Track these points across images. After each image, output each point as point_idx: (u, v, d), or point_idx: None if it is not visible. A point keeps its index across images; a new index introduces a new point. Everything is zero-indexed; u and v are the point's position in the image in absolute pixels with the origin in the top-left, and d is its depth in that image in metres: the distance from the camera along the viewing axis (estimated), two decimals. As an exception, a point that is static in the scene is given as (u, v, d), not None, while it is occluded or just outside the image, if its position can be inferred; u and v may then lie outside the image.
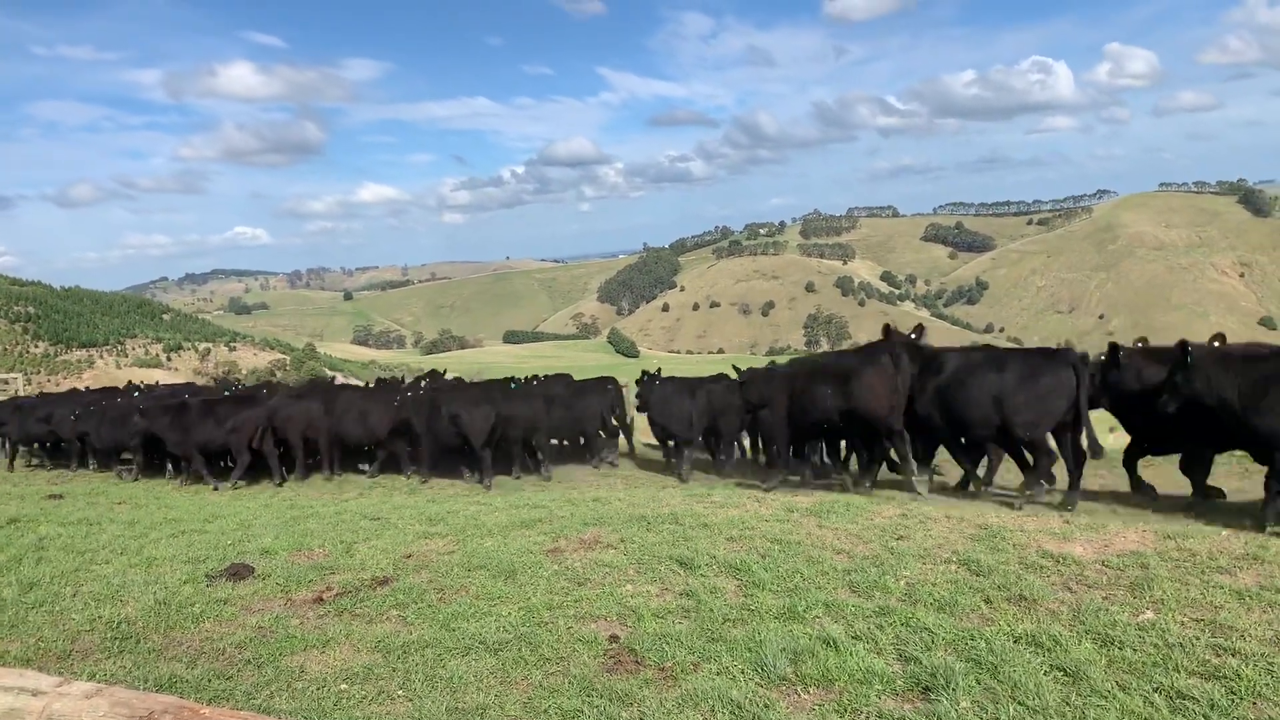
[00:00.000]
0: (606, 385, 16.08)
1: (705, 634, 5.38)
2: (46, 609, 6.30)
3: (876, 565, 6.37)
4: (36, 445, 18.41)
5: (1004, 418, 9.50)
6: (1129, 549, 6.46)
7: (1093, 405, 9.80)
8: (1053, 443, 9.72)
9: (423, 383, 17.19)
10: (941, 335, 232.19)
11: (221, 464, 15.27)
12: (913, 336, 10.86)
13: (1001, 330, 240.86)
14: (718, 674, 4.89)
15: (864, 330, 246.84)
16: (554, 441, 15.52)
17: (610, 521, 8.00)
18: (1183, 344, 8.79)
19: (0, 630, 5.92)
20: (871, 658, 4.93)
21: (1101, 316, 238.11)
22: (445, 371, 19.13)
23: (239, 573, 7.00)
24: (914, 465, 10.34)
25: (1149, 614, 5.28)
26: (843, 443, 12.18)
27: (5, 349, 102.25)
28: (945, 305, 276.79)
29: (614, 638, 5.45)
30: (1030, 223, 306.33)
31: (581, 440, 16.11)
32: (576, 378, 17.31)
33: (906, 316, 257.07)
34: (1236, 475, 10.42)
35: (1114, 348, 9.97)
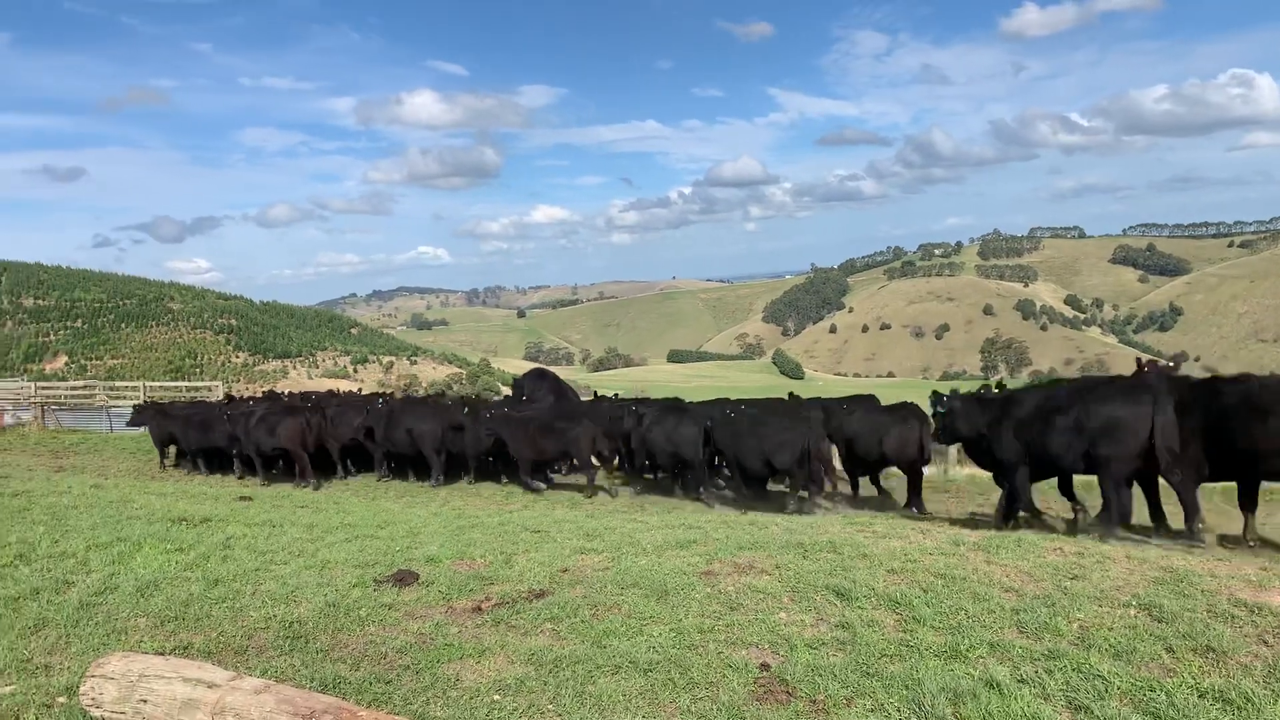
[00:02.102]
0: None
1: (860, 668, 5.20)
2: (228, 605, 6.67)
3: (1048, 605, 6.01)
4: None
5: None
6: (1338, 603, 5.87)
7: None
8: None
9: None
10: (1132, 364, 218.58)
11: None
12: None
13: (1197, 359, 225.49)
14: (871, 710, 4.71)
15: (1045, 356, 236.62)
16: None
17: (766, 546, 7.86)
18: None
19: (186, 623, 6.32)
20: (1038, 703, 4.64)
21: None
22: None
23: (404, 579, 7.24)
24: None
25: (1360, 677, 4.77)
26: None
27: (210, 358, 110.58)
28: (1135, 331, 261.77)
29: (765, 666, 5.34)
30: (1231, 245, 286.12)
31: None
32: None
33: (1092, 342, 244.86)
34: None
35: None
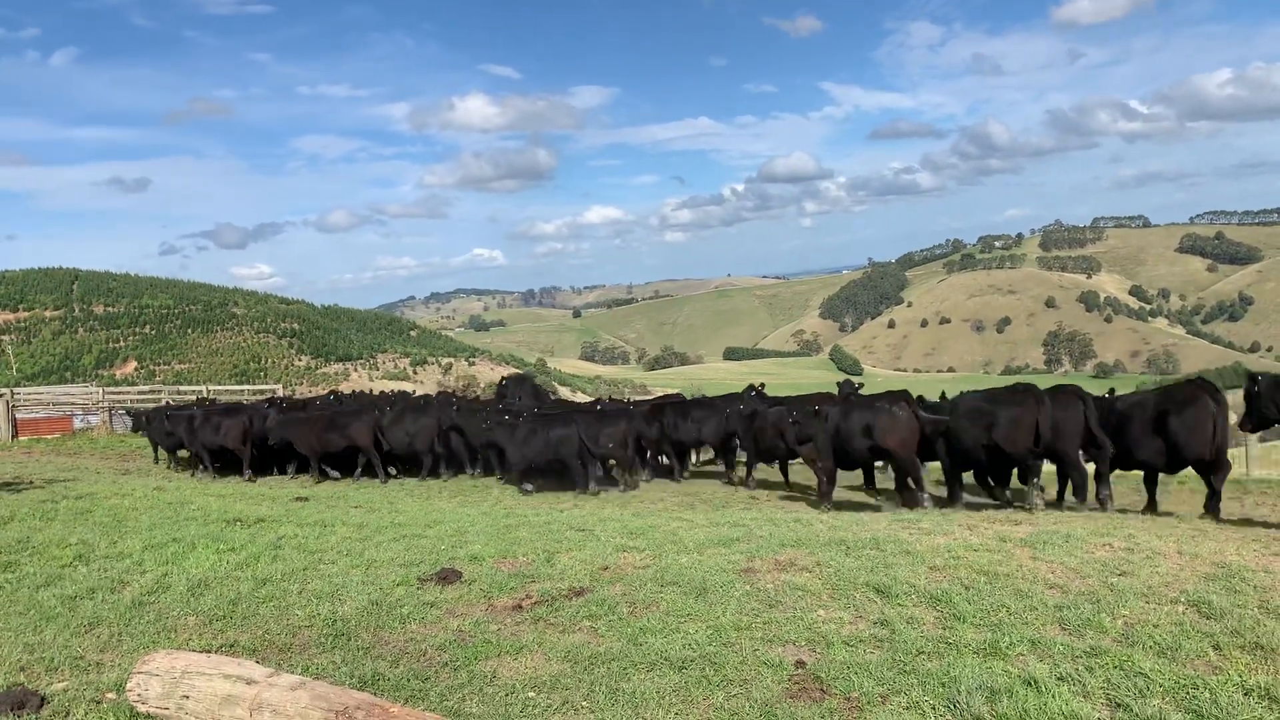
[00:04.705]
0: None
1: (897, 665, 5.15)
2: (275, 604, 6.81)
3: (1092, 602, 5.90)
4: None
5: None
6: (1399, 599, 5.67)
7: None
8: None
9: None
10: (1201, 355, 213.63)
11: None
12: None
13: (1269, 349, 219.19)
14: (906, 708, 4.67)
15: (1110, 348, 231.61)
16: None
17: (809, 544, 7.82)
18: None
19: (234, 622, 6.46)
20: (1077, 701, 4.56)
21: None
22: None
23: (447, 577, 7.33)
24: None
25: None
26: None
27: (274, 362, 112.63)
28: (1203, 322, 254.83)
29: (800, 663, 5.31)
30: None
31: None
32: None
33: (1158, 334, 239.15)
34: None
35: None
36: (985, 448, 11.52)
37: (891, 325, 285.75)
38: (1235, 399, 10.97)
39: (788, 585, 6.66)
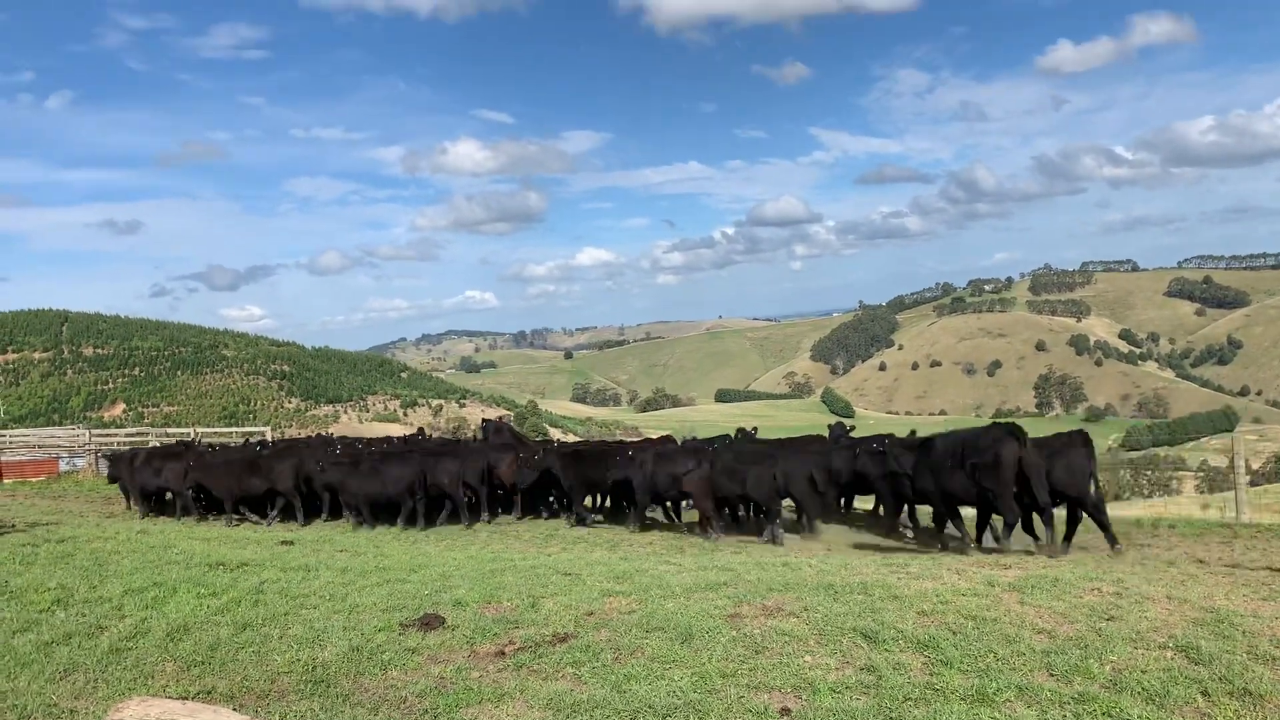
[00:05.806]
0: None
1: (883, 712, 5.09)
2: (254, 649, 6.71)
3: (1080, 647, 5.85)
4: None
5: None
6: (1388, 645, 5.63)
7: None
8: None
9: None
10: (1191, 399, 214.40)
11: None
12: None
13: (1259, 393, 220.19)
14: (892, 757, 4.60)
15: (1101, 392, 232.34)
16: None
17: (796, 588, 7.75)
18: None
19: (212, 667, 6.37)
20: (1065, 751, 4.50)
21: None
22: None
23: (430, 623, 7.24)
24: None
25: (1407, 723, 4.57)
26: None
27: (263, 404, 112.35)
28: (1193, 366, 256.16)
29: (785, 710, 5.24)
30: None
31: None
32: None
33: (1148, 377, 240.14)
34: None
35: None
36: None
37: (883, 368, 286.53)
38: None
39: (774, 631, 6.59)
